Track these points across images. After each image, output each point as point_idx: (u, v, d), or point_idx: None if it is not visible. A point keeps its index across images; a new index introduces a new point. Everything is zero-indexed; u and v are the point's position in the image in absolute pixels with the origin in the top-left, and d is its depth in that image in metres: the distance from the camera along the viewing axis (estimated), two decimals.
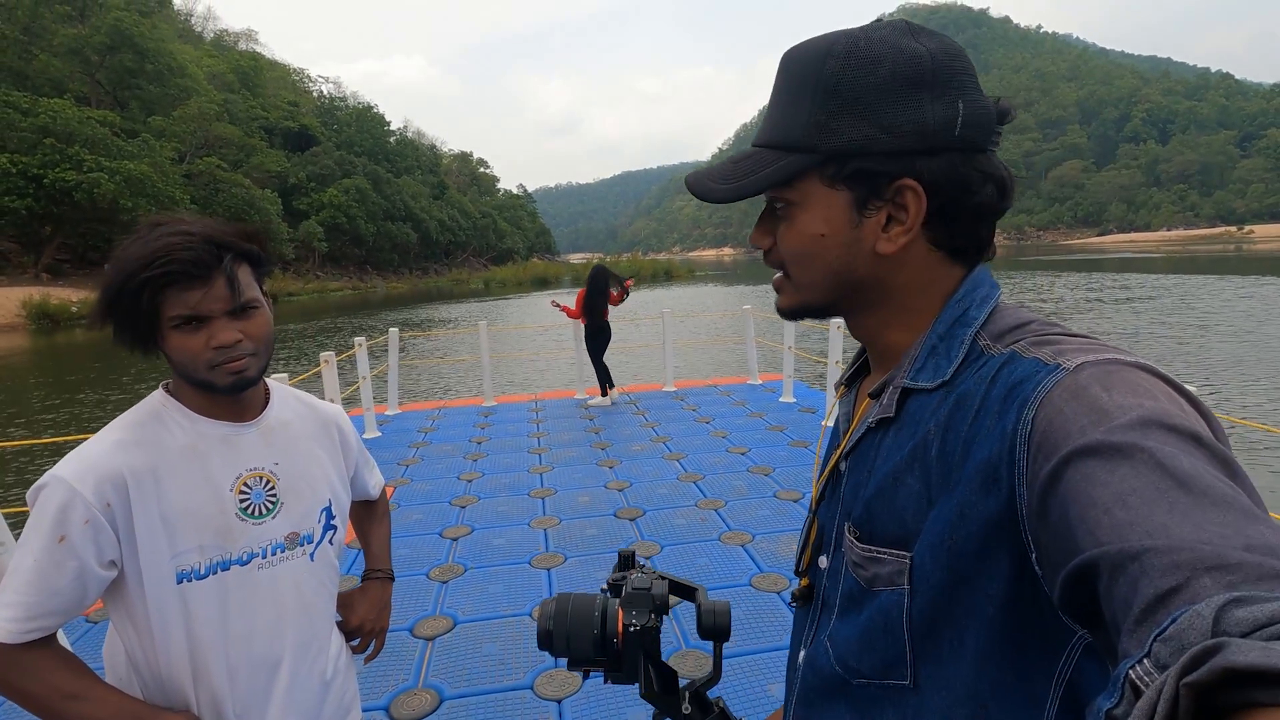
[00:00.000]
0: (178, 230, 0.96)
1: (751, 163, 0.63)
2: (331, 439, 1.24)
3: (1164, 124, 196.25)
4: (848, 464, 0.69)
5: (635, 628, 0.74)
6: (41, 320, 28.01)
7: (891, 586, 0.59)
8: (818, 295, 0.65)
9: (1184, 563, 0.34)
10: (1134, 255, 61.57)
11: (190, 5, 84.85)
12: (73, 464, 0.96)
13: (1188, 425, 0.42)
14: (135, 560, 0.97)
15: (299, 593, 1.11)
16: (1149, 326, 15.45)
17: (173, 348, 0.97)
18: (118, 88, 46.53)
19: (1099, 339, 0.53)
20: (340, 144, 69.51)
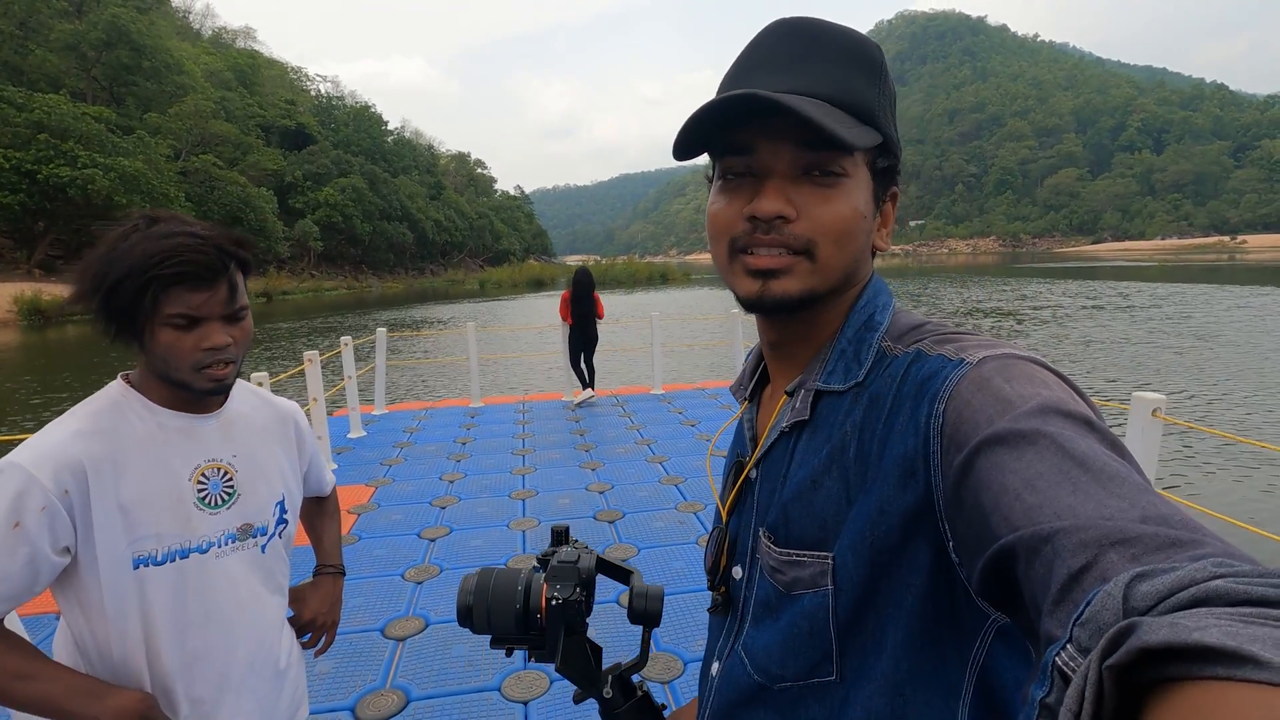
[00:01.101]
0: (187, 231, 0.98)
1: (836, 115, 0.57)
2: (288, 435, 1.26)
3: (1159, 134, 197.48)
4: (759, 471, 0.68)
5: (558, 601, 0.71)
6: (33, 316, 27.86)
7: (814, 589, 0.59)
8: (831, 281, 0.61)
9: (1090, 540, 0.36)
10: (1128, 264, 61.91)
11: (189, 2, 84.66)
12: (29, 451, 0.96)
13: (1080, 410, 0.45)
14: (91, 547, 0.98)
15: (251, 583, 1.13)
16: (1148, 336, 15.47)
17: (160, 344, 0.98)
18: (114, 84, 46.39)
19: (991, 337, 0.56)
20: (337, 143, 69.40)
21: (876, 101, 0.59)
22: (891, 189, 0.64)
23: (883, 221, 0.65)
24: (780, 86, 0.57)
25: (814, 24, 0.61)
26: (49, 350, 19.74)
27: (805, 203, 0.58)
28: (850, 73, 0.59)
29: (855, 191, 0.59)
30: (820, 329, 0.65)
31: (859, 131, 0.57)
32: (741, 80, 0.60)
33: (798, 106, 0.53)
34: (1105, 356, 13.13)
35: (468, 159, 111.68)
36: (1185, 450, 7.24)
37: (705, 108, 0.57)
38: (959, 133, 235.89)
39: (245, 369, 5.14)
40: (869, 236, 0.62)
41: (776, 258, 0.59)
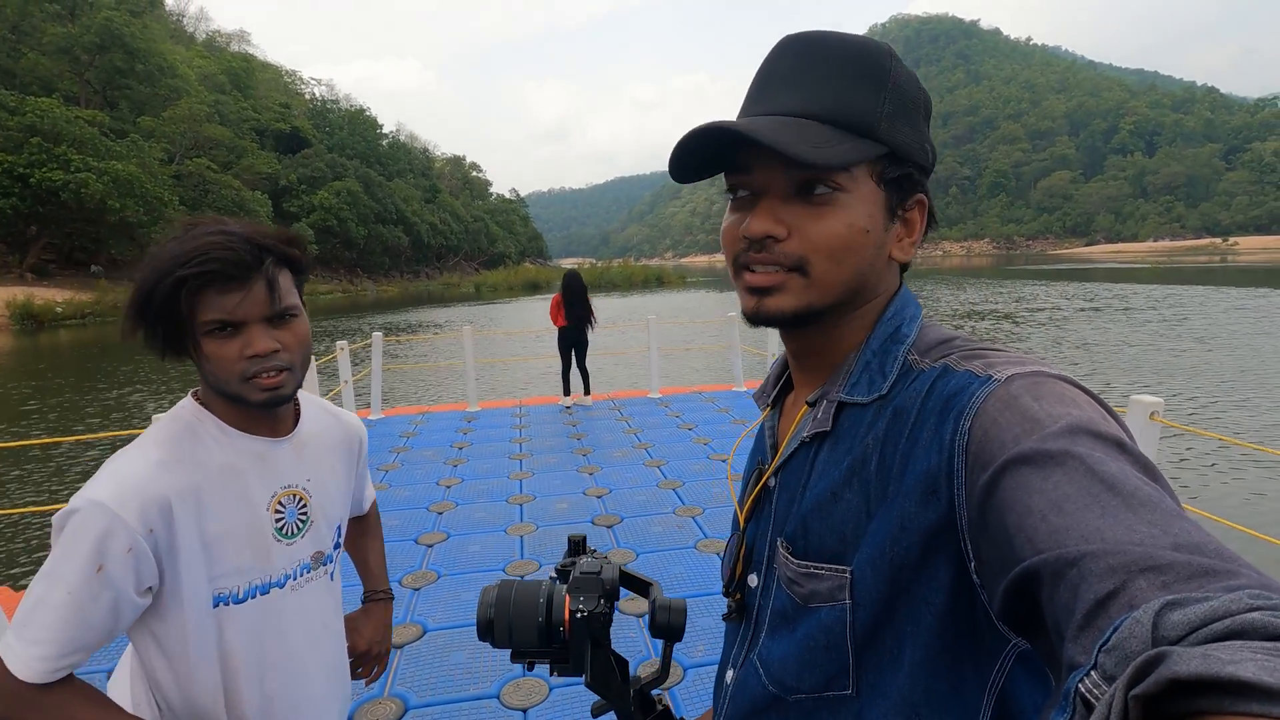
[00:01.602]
0: (217, 229, 0.91)
1: (817, 134, 0.56)
2: (352, 454, 1.19)
3: (1151, 136, 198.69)
4: (778, 480, 0.67)
5: (583, 613, 0.69)
6: (25, 320, 27.70)
7: (832, 602, 0.58)
8: (831, 296, 0.61)
9: (1119, 566, 0.35)
10: (1121, 266, 62.24)
11: (182, 6, 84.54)
12: (111, 486, 0.87)
13: (1111, 432, 0.44)
14: (176, 586, 0.92)
15: (324, 613, 1.08)
16: (1148, 339, 15.47)
17: (206, 356, 0.90)
18: (107, 87, 46.23)
19: (1022, 353, 0.55)
20: (332, 146, 69.31)
21: (877, 111, 0.58)
22: (915, 196, 0.62)
23: (906, 231, 0.63)
24: (779, 106, 0.59)
25: (818, 38, 0.60)
26: (41, 355, 19.61)
27: (797, 221, 0.59)
28: (848, 85, 0.58)
29: (852, 207, 0.58)
30: (841, 340, 0.64)
31: (845, 148, 0.56)
32: (753, 99, 0.62)
33: (762, 135, 0.54)
34: (1105, 359, 13.17)
35: (463, 162, 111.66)
36: (1187, 453, 7.27)
37: (685, 141, 0.59)
38: (953, 135, 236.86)
39: None
40: (877, 250, 0.61)
41: (770, 275, 0.60)
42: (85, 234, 36.65)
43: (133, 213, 35.08)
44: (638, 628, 2.92)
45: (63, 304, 29.80)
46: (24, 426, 9.87)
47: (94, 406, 11.03)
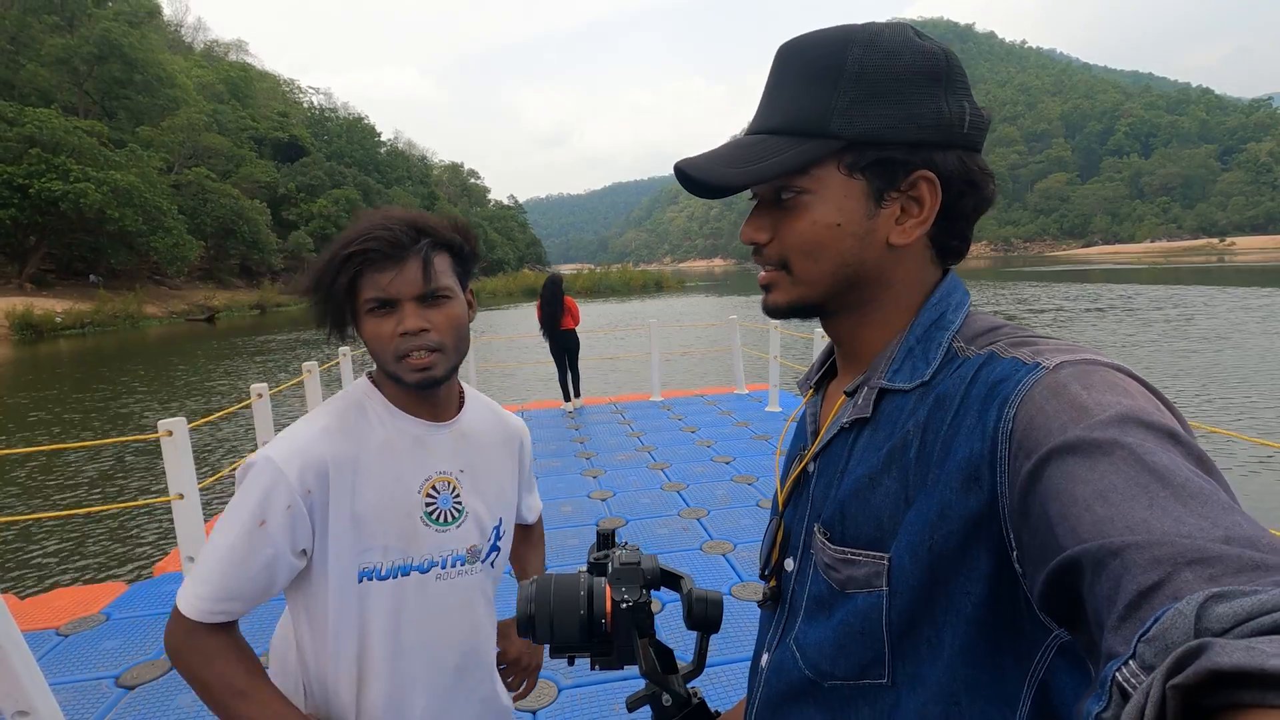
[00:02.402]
0: (383, 214, 0.96)
1: (763, 148, 0.59)
2: (514, 455, 1.18)
3: (1146, 137, 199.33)
4: (817, 465, 0.67)
5: (628, 604, 0.68)
6: (25, 331, 27.68)
7: (869, 589, 0.58)
8: (819, 290, 0.63)
9: (1165, 557, 0.34)
10: (1119, 266, 62.36)
11: (180, 16, 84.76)
12: (282, 446, 0.94)
13: (1164, 422, 0.42)
14: (325, 552, 0.95)
15: (470, 611, 1.06)
16: (1156, 339, 15.42)
17: (366, 334, 0.96)
18: (106, 98, 46.31)
19: (1073, 342, 0.54)
20: (330, 155, 69.48)
21: (829, 107, 0.58)
22: (913, 175, 0.59)
23: (915, 210, 0.60)
24: (756, 123, 0.64)
25: (792, 45, 0.62)
26: (39, 365, 19.60)
27: (776, 225, 0.63)
28: (801, 88, 0.59)
29: (818, 206, 0.60)
30: (875, 329, 0.65)
31: (781, 159, 0.58)
32: (756, 113, 0.66)
33: (692, 169, 0.60)
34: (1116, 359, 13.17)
35: (461, 169, 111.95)
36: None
37: (677, 175, 0.64)
38: None
39: (246, 379, 5.15)
40: (860, 239, 0.60)
41: (766, 273, 0.65)
42: (84, 244, 36.64)
43: (131, 222, 35.08)
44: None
45: (62, 314, 29.78)
46: (31, 434, 9.87)
47: (98, 414, 11.04)
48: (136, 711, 2.49)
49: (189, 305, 38.97)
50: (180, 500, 3.21)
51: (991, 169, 0.61)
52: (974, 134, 0.60)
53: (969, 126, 0.60)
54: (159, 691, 2.60)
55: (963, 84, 0.60)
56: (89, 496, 6.84)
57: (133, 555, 5.34)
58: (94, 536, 5.75)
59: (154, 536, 5.67)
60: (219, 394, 12.82)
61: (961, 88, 0.60)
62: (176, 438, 3.23)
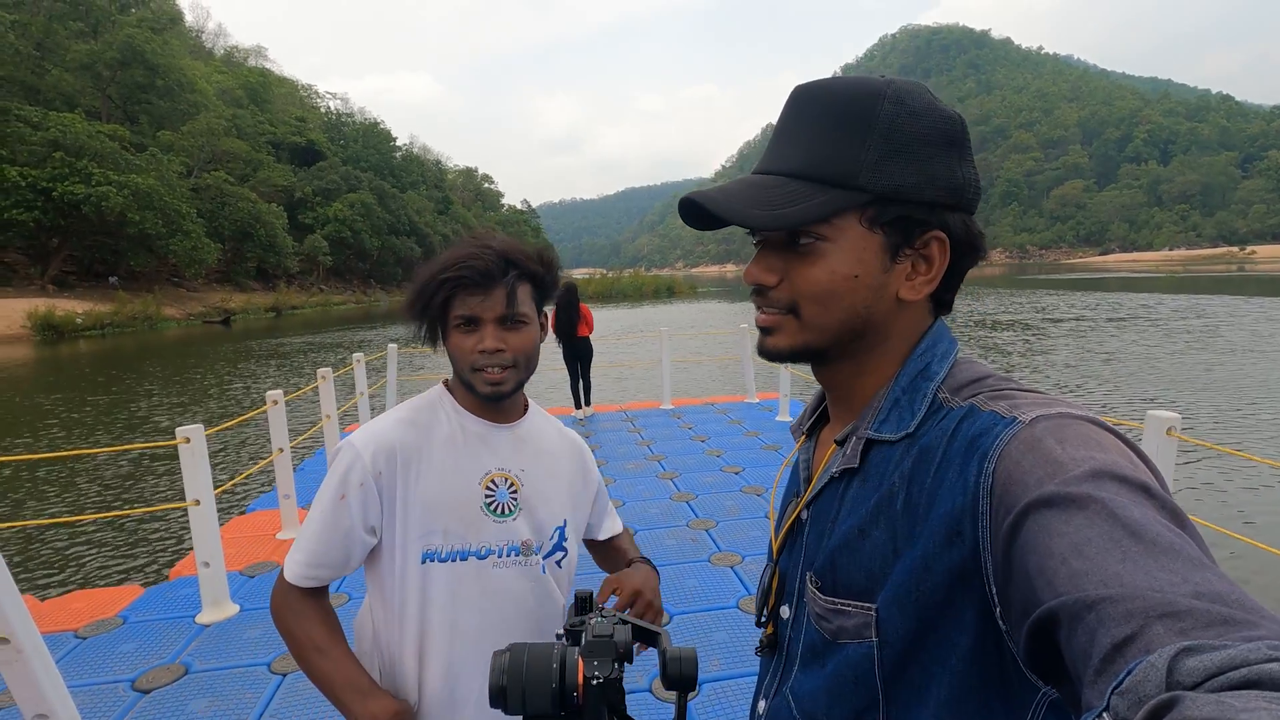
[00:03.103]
0: (481, 243, 1.07)
1: (786, 192, 0.59)
2: (575, 462, 1.25)
3: (1165, 144, 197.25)
4: (810, 513, 0.68)
5: (598, 680, 0.68)
6: (46, 331, 28.13)
7: (859, 639, 0.58)
8: (825, 338, 0.63)
9: (1137, 611, 0.35)
10: (1136, 275, 61.60)
11: (201, 22, 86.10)
12: (364, 432, 1.08)
13: (1137, 476, 0.43)
14: (392, 532, 1.06)
15: (524, 601, 1.12)
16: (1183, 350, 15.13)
17: (451, 345, 1.08)
18: (128, 102, 47.07)
19: (1050, 394, 0.55)
20: (346, 159, 70.12)
21: (858, 160, 0.58)
22: (928, 234, 0.61)
23: (922, 269, 0.62)
24: (771, 163, 0.62)
25: (813, 89, 0.61)
26: (60, 365, 19.91)
27: (787, 269, 0.62)
28: (828, 136, 0.59)
29: (836, 255, 0.60)
30: (868, 377, 0.65)
31: (812, 205, 0.58)
32: (766, 152, 0.65)
33: (718, 206, 0.59)
34: (1138, 371, 13.01)
35: (475, 174, 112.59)
36: (1215, 470, 7.16)
37: (678, 208, 0.64)
38: None
39: (261, 382, 5.21)
40: (874, 292, 0.61)
41: (768, 316, 0.64)
42: (105, 246, 37.21)
43: (152, 225, 35.58)
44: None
45: (82, 315, 30.22)
46: (53, 436, 10.03)
47: (117, 417, 11.20)
48: (151, 715, 2.53)
49: (206, 307, 39.44)
50: (196, 506, 3.26)
51: (1013, 177, 0.61)
52: (975, 199, 0.62)
53: (973, 191, 0.62)
54: (174, 696, 2.64)
55: (969, 150, 0.62)
56: (108, 500, 6.95)
57: (149, 559, 5.41)
58: (112, 540, 5.84)
59: (171, 541, 5.74)
60: (233, 398, 12.96)
61: (969, 153, 0.62)
62: (194, 445, 3.28)
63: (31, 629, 2.08)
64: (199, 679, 2.76)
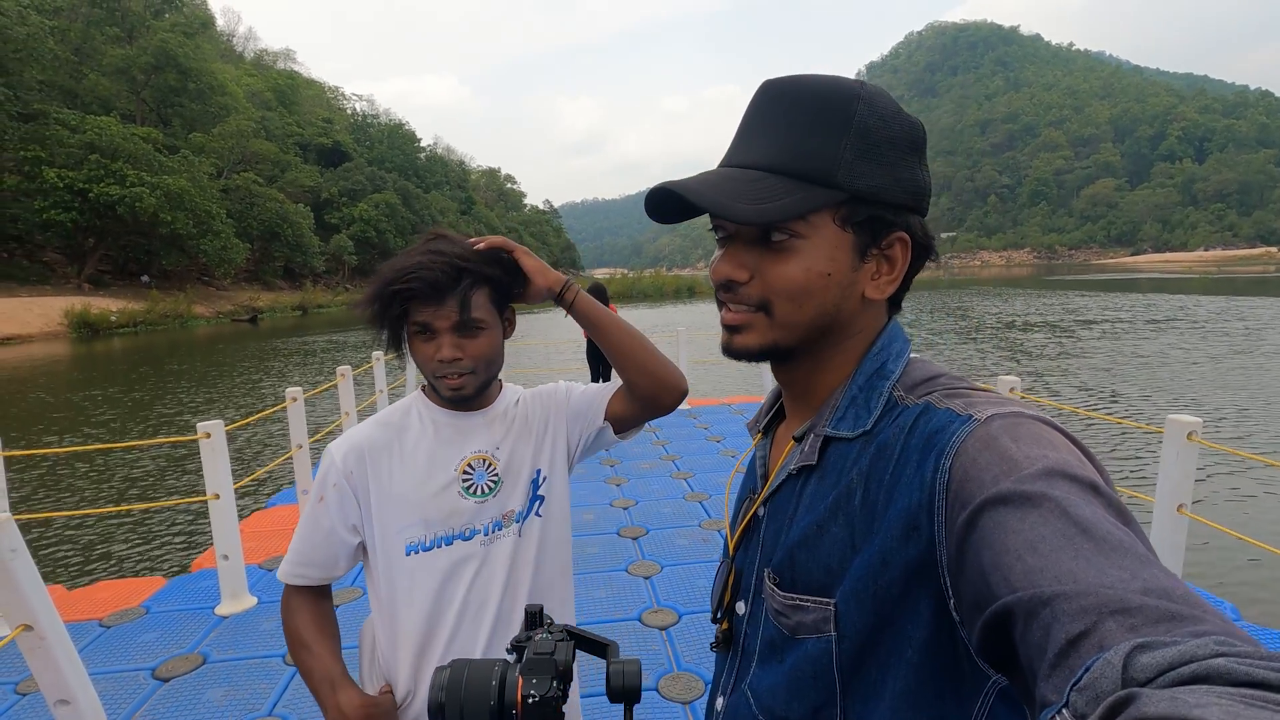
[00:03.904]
0: (431, 250, 1.05)
1: (764, 186, 0.59)
2: (539, 410, 1.23)
3: (1201, 142, 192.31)
4: (767, 510, 0.69)
5: (534, 698, 0.68)
6: (82, 329, 28.92)
7: (818, 634, 0.59)
8: (795, 335, 0.63)
9: (1090, 607, 0.36)
10: (1168, 276, 60.09)
11: (232, 26, 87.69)
12: (341, 438, 1.14)
13: (1087, 475, 0.45)
14: (371, 529, 1.09)
15: (510, 569, 1.14)
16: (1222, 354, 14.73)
17: (413, 352, 1.10)
18: (161, 105, 48.16)
19: (1002, 394, 0.56)
20: (372, 160, 71.05)
21: (835, 158, 0.59)
22: (892, 235, 0.62)
23: (886, 269, 0.63)
24: (743, 157, 0.62)
25: (786, 85, 0.61)
26: (95, 362, 20.45)
27: (759, 265, 0.62)
28: (805, 133, 0.59)
29: (810, 252, 0.60)
30: (827, 375, 0.66)
31: (792, 200, 0.58)
32: (732, 146, 0.64)
33: (699, 196, 0.58)
34: (1180, 375, 12.71)
35: (498, 174, 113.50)
36: (1237, 473, 6.99)
37: (648, 196, 0.63)
38: (991, 144, 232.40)
39: (286, 379, 5.31)
40: (843, 290, 0.62)
41: (738, 314, 0.64)
42: (138, 246, 38.14)
43: (183, 225, 36.39)
44: (660, 640, 2.94)
45: (116, 313, 31.01)
46: (86, 429, 10.32)
47: (149, 412, 11.48)
48: (170, 703, 2.60)
49: (235, 306, 40.23)
50: (216, 500, 3.33)
51: (1042, 175, 0.61)
52: (928, 203, 0.65)
53: (929, 196, 0.64)
54: (192, 685, 2.71)
55: (925, 156, 0.64)
56: (140, 493, 7.13)
57: (173, 551, 5.54)
58: (140, 532, 5.99)
59: (194, 533, 5.88)
60: (259, 394, 13.21)
61: (926, 159, 0.64)
62: (214, 440, 3.36)
63: (54, 617, 2.14)
64: (216, 669, 2.82)
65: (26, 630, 2.08)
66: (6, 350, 23.89)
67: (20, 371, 18.04)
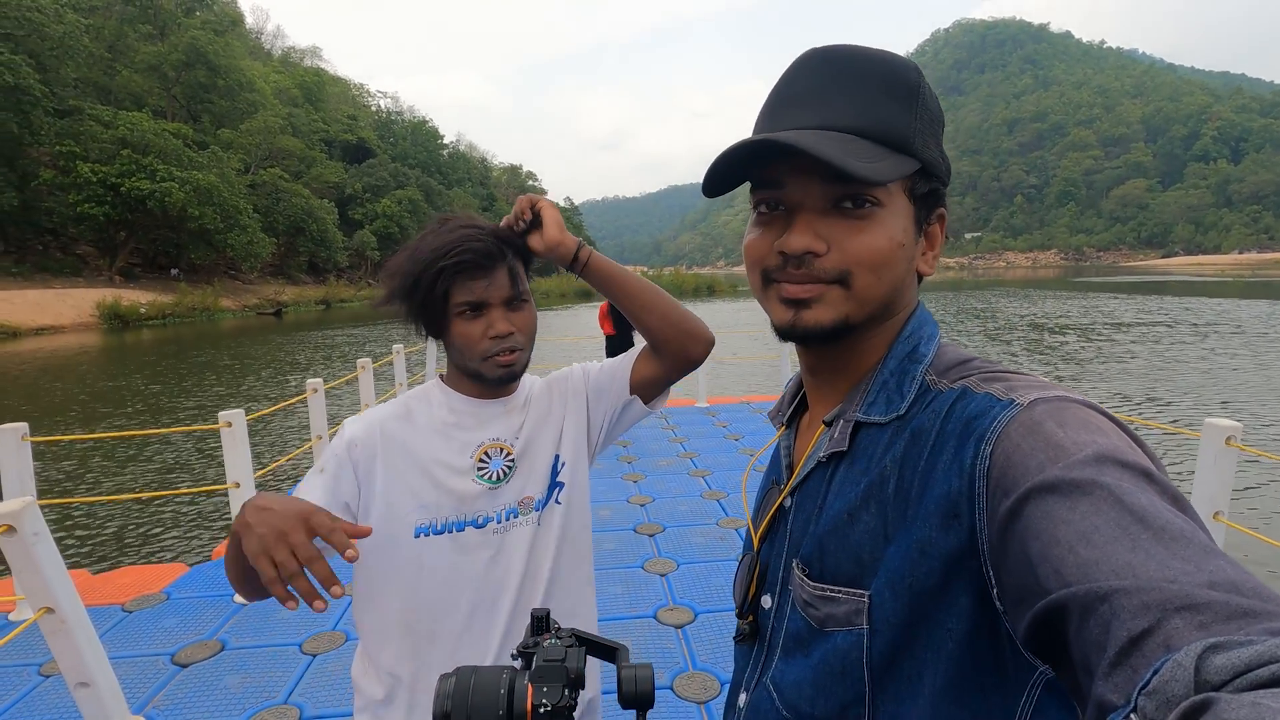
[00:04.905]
0: (470, 224, 1.04)
1: (858, 149, 0.56)
2: (558, 394, 1.20)
3: (1236, 142, 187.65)
4: (794, 500, 0.66)
5: (546, 708, 0.65)
6: (112, 320, 29.56)
7: (849, 627, 0.57)
8: (867, 310, 0.60)
9: (1153, 603, 0.34)
10: (1199, 279, 58.65)
11: (261, 24, 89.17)
12: (359, 416, 1.12)
13: (1139, 461, 0.43)
14: (369, 508, 1.05)
15: (526, 558, 1.11)
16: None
17: (455, 334, 1.05)
18: (191, 102, 49.09)
19: (1043, 378, 0.54)
20: (395, 156, 71.81)
21: (910, 127, 0.58)
22: (937, 210, 0.63)
23: (928, 245, 0.63)
24: (808, 122, 0.58)
25: (845, 52, 0.59)
26: (125, 352, 20.89)
27: (836, 235, 0.58)
28: (881, 101, 0.58)
29: (891, 220, 0.58)
30: (861, 358, 0.64)
31: (889, 163, 0.56)
32: (774, 116, 0.61)
33: (813, 148, 0.53)
34: (1224, 380, 12.39)
35: (519, 171, 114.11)
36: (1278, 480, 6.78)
37: (725, 155, 0.57)
38: (1018, 143, 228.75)
39: (309, 371, 5.34)
40: (910, 264, 0.61)
41: (809, 287, 0.60)
42: (168, 240, 38.92)
43: (211, 220, 37.08)
44: (676, 639, 2.91)
45: (146, 305, 31.71)
46: (121, 415, 10.53)
47: (180, 400, 11.70)
48: (189, 689, 2.62)
49: (260, 299, 40.90)
50: (236, 489, 3.36)
51: (1071, 175, 0.62)
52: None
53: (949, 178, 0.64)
54: (210, 671, 2.73)
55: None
56: (166, 481, 7.25)
57: (195, 538, 5.62)
58: (165, 519, 6.09)
59: (215, 522, 5.96)
60: (282, 386, 13.39)
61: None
62: (235, 429, 3.39)
63: (75, 600, 2.16)
64: (234, 655, 2.84)
65: (48, 613, 2.10)
66: (41, 340, 24.51)
67: (53, 360, 18.48)
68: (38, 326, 26.97)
